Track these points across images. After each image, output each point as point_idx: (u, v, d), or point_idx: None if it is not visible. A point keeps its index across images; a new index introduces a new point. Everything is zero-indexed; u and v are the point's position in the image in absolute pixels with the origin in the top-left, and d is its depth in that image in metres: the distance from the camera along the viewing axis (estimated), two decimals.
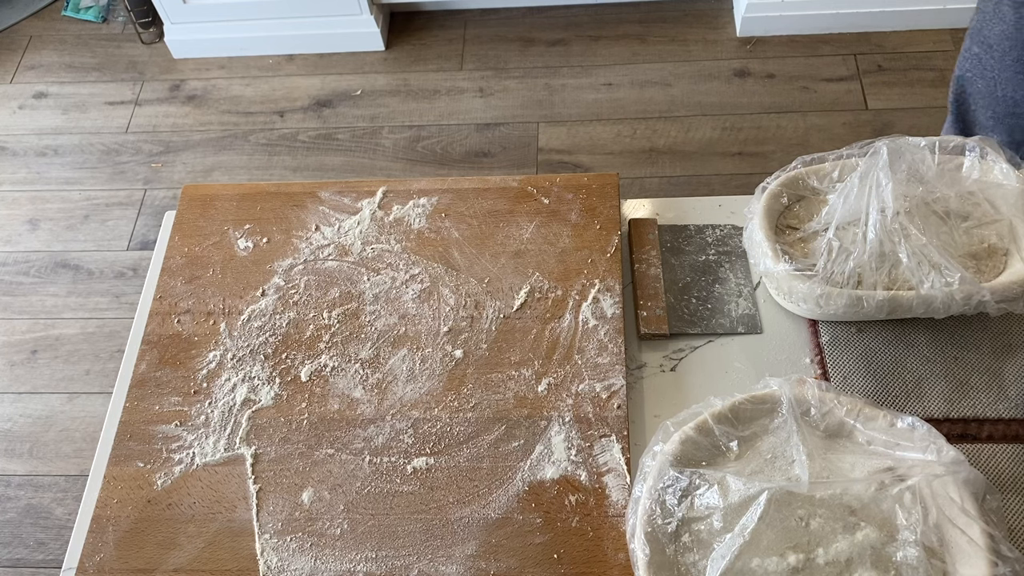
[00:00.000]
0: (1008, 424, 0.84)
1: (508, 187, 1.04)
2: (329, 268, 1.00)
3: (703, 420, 0.77)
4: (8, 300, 2.03)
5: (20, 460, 1.80)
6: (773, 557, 0.70)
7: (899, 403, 0.86)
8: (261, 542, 0.82)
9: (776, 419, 0.78)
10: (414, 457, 0.86)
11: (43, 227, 2.14)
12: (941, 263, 0.85)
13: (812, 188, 0.96)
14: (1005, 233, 0.91)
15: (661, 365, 0.91)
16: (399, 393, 0.90)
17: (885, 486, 0.72)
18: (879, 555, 0.71)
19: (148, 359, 0.94)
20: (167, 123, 2.30)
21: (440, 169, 2.16)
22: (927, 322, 0.89)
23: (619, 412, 0.86)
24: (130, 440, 0.89)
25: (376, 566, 0.80)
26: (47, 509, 1.74)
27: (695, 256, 0.98)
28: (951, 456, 0.72)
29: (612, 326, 0.91)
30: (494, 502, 0.83)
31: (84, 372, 1.91)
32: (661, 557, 0.72)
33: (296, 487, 0.85)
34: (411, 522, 0.82)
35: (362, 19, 2.28)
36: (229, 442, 0.88)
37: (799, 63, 2.28)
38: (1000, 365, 0.88)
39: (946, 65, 2.24)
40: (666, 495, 0.74)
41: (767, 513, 0.70)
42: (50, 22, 2.57)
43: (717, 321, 0.93)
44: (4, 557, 1.69)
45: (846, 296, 0.86)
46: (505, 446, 0.86)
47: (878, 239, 0.86)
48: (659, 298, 0.94)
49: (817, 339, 0.91)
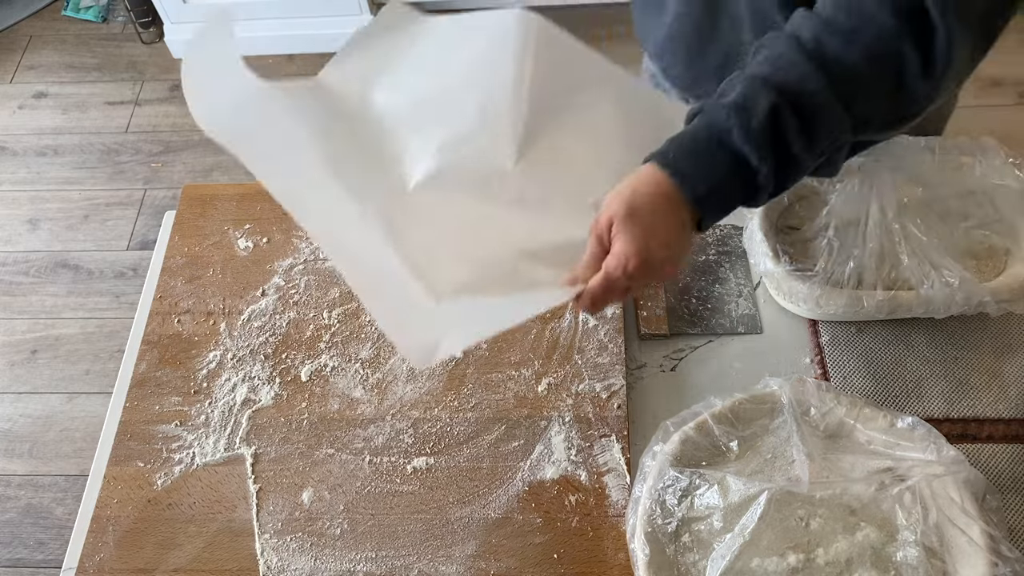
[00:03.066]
0: (1008, 424, 0.84)
1: None
2: (329, 268, 1.00)
3: (703, 420, 0.77)
4: (8, 300, 2.03)
5: (20, 460, 1.80)
6: (773, 557, 0.70)
7: (899, 403, 0.86)
8: (261, 542, 0.82)
9: (776, 419, 0.78)
10: (414, 457, 0.86)
11: (43, 227, 2.14)
12: (941, 263, 0.85)
13: (812, 188, 0.96)
14: (1005, 233, 0.91)
15: (661, 365, 0.91)
16: (399, 393, 0.90)
17: (885, 486, 0.72)
18: (879, 555, 0.71)
19: (148, 359, 0.94)
20: (167, 123, 2.30)
21: None
22: (927, 322, 0.89)
23: (619, 412, 0.86)
24: (130, 440, 0.89)
25: (376, 566, 0.80)
26: (47, 509, 1.74)
27: (695, 256, 0.98)
28: (951, 456, 0.72)
29: (612, 326, 0.91)
30: (494, 502, 0.83)
31: (84, 372, 1.91)
32: (661, 557, 0.72)
33: (296, 487, 0.85)
34: (411, 522, 0.82)
35: (362, 19, 2.28)
36: (229, 442, 0.88)
37: None
38: (1000, 365, 0.88)
39: None
40: (666, 495, 0.74)
41: (767, 513, 0.70)
42: (50, 22, 2.57)
43: (717, 321, 0.93)
44: (4, 557, 1.69)
45: (846, 296, 0.86)
46: (505, 446, 0.86)
47: (878, 239, 0.86)
48: (659, 298, 0.94)
49: (817, 339, 0.91)
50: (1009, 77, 2.20)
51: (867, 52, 0.65)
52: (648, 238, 0.66)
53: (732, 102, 0.65)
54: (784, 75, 0.65)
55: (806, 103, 0.65)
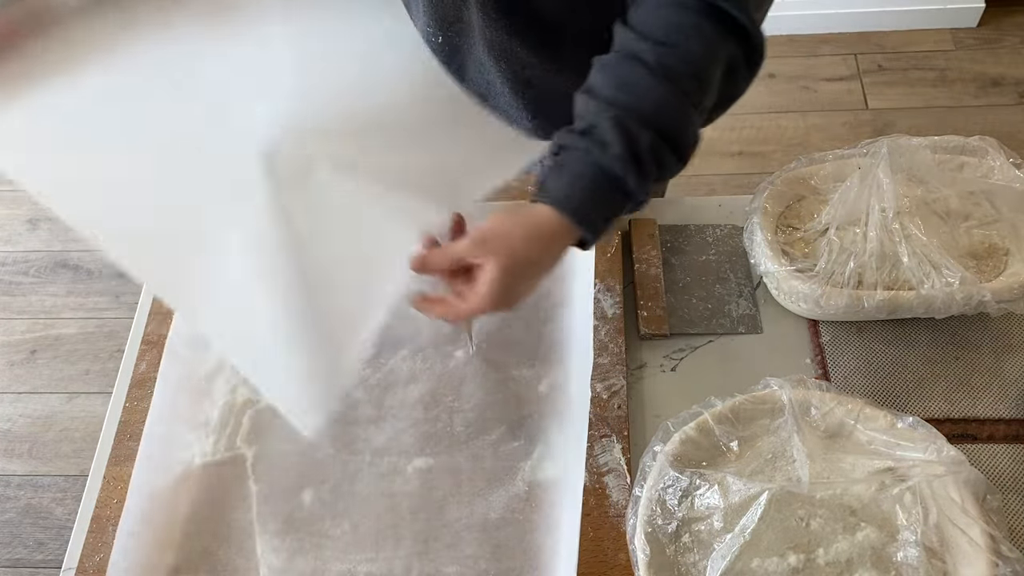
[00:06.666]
0: (1008, 424, 0.84)
1: (508, 187, 1.04)
2: None
3: (703, 420, 0.77)
4: (8, 300, 2.03)
5: (20, 460, 1.80)
6: (773, 557, 0.70)
7: (899, 403, 0.86)
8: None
9: (776, 419, 0.78)
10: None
11: (43, 227, 2.14)
12: (941, 263, 0.85)
13: (812, 188, 0.96)
14: (1005, 233, 0.91)
15: (661, 365, 0.91)
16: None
17: (885, 486, 0.72)
18: (879, 555, 0.71)
19: (148, 359, 0.94)
20: None
21: None
22: (927, 322, 0.89)
23: (619, 412, 0.86)
24: (130, 440, 0.89)
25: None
26: (47, 509, 1.74)
27: (695, 256, 0.98)
28: (951, 456, 0.72)
29: (612, 326, 0.91)
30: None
31: (84, 372, 1.91)
32: (661, 557, 0.72)
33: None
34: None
35: None
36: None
37: (799, 63, 2.28)
38: (1000, 365, 0.88)
39: (946, 65, 2.24)
40: (666, 495, 0.74)
41: (767, 513, 0.70)
42: None
43: (717, 321, 0.93)
44: (4, 557, 1.69)
45: (846, 296, 0.86)
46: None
47: (878, 239, 0.86)
48: (659, 298, 0.94)
49: (817, 339, 0.91)
50: (1009, 77, 2.20)
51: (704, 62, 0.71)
52: (518, 296, 0.71)
53: (621, 153, 0.68)
54: (653, 106, 0.69)
55: (676, 128, 0.71)
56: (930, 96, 2.18)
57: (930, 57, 2.26)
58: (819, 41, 2.31)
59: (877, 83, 2.22)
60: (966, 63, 2.24)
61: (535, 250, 0.69)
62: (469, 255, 0.69)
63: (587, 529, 0.79)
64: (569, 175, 0.70)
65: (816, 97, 2.22)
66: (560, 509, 0.81)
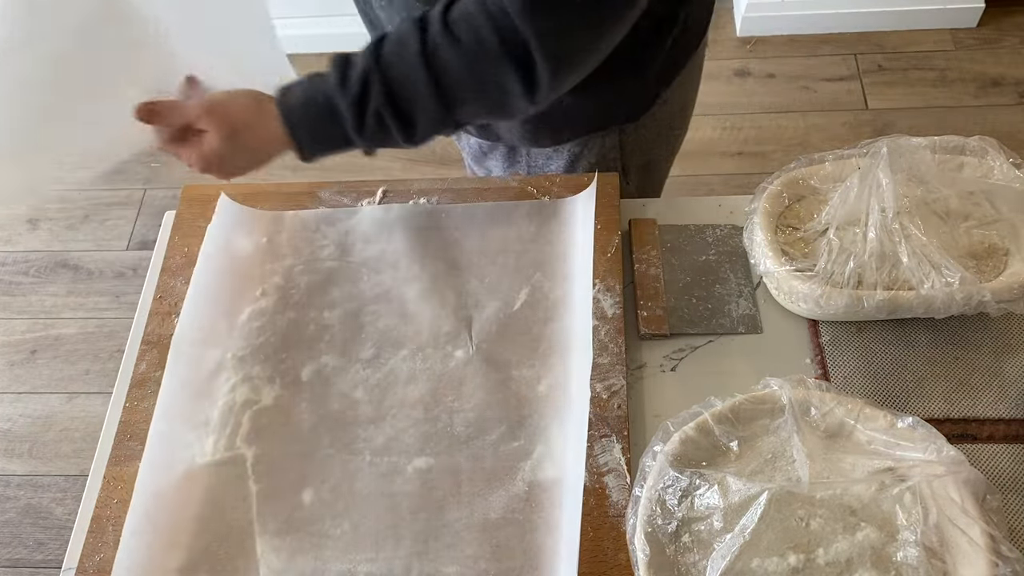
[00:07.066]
0: (1008, 424, 0.84)
1: (508, 187, 1.04)
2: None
3: (703, 420, 0.77)
4: (8, 300, 2.03)
5: (20, 460, 1.80)
6: (773, 557, 0.70)
7: (899, 403, 0.86)
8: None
9: (776, 419, 0.78)
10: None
11: (43, 227, 2.14)
12: (941, 263, 0.85)
13: (812, 188, 0.96)
14: (1005, 233, 0.91)
15: (661, 365, 0.91)
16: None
17: (885, 486, 0.72)
18: (879, 555, 0.71)
19: (148, 359, 0.94)
20: None
21: (440, 169, 2.16)
22: (927, 322, 0.89)
23: (619, 412, 0.86)
24: (130, 440, 0.89)
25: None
26: (47, 509, 1.74)
27: (695, 256, 0.98)
28: (951, 456, 0.72)
29: (612, 326, 0.91)
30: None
31: (84, 372, 1.91)
32: (661, 557, 0.72)
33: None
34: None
35: None
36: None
37: (799, 63, 2.28)
38: (1000, 365, 0.88)
39: (946, 65, 2.24)
40: (666, 495, 0.74)
41: (767, 513, 0.70)
42: None
43: (717, 321, 0.93)
44: (4, 557, 1.69)
45: (846, 296, 0.86)
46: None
47: (878, 239, 0.86)
48: (659, 298, 0.94)
49: (817, 339, 0.91)
50: (1009, 77, 2.20)
51: (473, 72, 0.77)
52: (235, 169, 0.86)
53: (353, 97, 0.78)
54: (400, 74, 0.77)
55: (412, 104, 0.78)
56: (930, 96, 2.18)
57: (930, 57, 2.26)
58: (819, 41, 2.31)
59: (877, 83, 2.22)
60: (966, 63, 2.24)
61: (252, 140, 0.83)
62: (195, 119, 0.81)
63: (587, 529, 0.79)
64: (305, 95, 0.81)
65: (816, 97, 2.22)
66: (560, 509, 0.81)
